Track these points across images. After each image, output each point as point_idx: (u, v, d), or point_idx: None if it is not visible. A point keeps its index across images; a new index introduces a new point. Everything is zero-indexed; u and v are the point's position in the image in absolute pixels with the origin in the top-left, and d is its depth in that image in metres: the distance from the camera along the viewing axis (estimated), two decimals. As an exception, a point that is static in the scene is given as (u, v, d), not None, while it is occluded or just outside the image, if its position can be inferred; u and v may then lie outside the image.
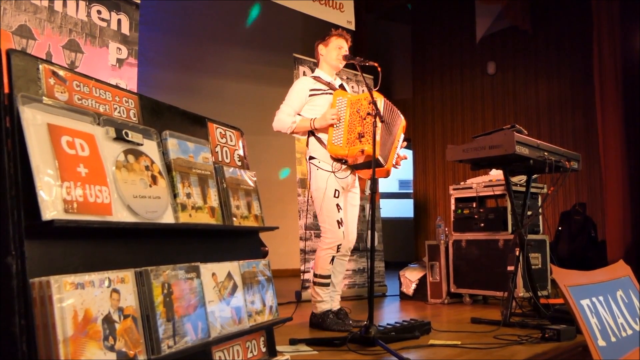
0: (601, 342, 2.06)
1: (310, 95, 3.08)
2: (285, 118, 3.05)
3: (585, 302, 2.15)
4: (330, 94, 3.09)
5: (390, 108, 3.06)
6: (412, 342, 2.57)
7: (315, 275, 3.03)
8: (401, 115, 3.14)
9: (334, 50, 3.15)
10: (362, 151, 2.84)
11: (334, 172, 2.96)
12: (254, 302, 1.78)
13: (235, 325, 1.65)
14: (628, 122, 5.65)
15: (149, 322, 1.31)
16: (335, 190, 2.97)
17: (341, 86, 3.22)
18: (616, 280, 2.51)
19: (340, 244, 2.98)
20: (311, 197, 3.08)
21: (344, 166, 2.99)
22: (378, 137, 2.74)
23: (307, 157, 3.10)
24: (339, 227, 2.97)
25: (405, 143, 3.14)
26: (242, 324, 1.69)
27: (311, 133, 3.09)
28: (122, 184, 1.38)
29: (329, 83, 3.15)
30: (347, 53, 3.16)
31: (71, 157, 1.25)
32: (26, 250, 1.13)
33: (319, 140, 3.04)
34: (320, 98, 3.08)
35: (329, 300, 3.03)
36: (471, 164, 3.28)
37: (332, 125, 2.95)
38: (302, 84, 3.13)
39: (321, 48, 3.21)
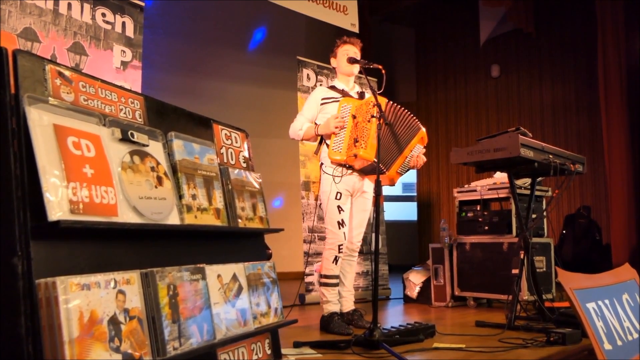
0: (607, 346, 2.05)
1: (322, 104, 3.13)
2: (295, 125, 3.16)
3: (591, 305, 2.14)
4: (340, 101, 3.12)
5: (401, 114, 2.99)
6: (416, 345, 2.57)
7: (320, 276, 3.10)
8: (421, 126, 3.03)
9: (343, 57, 3.17)
10: (355, 155, 2.86)
11: (333, 175, 3.02)
12: (259, 304, 1.78)
13: (241, 327, 1.65)
14: (633, 125, 5.63)
15: (154, 323, 1.31)
16: (337, 192, 3.02)
17: (361, 94, 3.20)
18: (622, 283, 2.50)
19: (342, 244, 3.03)
20: (320, 200, 3.16)
21: (348, 171, 3.03)
22: (374, 141, 2.72)
23: (320, 164, 3.18)
24: (340, 228, 3.02)
25: (424, 150, 3.08)
26: (247, 326, 1.68)
27: (322, 139, 3.15)
28: (128, 185, 1.37)
29: (343, 90, 3.18)
30: (353, 56, 3.16)
31: (77, 157, 1.25)
32: (32, 251, 1.13)
33: (327, 146, 3.08)
34: (331, 106, 3.12)
35: (335, 301, 3.07)
36: (475, 167, 3.27)
37: (334, 133, 2.97)
38: (315, 94, 3.20)
39: (333, 61, 3.27)
